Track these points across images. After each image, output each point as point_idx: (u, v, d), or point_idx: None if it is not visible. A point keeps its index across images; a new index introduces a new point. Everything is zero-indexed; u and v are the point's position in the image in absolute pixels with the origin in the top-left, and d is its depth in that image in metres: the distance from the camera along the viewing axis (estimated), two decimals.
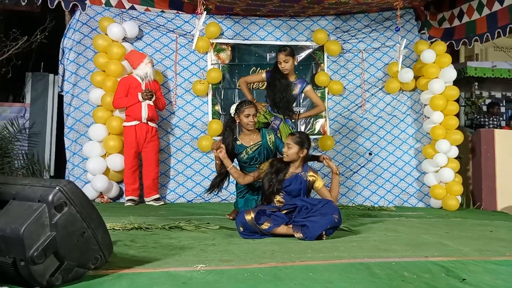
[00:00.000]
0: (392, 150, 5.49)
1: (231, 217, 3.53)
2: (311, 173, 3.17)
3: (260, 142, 3.49)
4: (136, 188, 4.71)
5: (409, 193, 5.43)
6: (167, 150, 5.18)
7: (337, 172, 3.22)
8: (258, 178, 3.23)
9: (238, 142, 3.50)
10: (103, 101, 4.80)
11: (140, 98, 4.59)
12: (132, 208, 4.36)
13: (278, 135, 3.79)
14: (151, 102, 4.65)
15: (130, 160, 4.66)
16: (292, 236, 2.77)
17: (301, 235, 2.72)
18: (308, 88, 4.10)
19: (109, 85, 4.79)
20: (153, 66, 4.81)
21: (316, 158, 3.51)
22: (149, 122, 4.67)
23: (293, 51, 4.02)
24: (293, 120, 4.14)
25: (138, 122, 4.63)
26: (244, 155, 3.48)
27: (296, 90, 4.03)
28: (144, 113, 4.61)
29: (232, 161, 3.46)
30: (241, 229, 2.81)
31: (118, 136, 4.80)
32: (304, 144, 3.13)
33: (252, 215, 2.77)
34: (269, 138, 3.51)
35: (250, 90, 4.29)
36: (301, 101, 5.48)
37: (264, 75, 4.17)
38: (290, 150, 3.10)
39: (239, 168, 3.53)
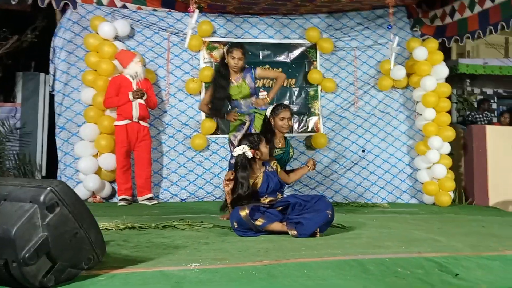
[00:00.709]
0: (385, 147, 5.52)
1: (224, 219, 3.52)
2: (273, 161, 3.27)
3: (285, 149, 3.65)
4: (128, 187, 4.69)
5: (402, 190, 5.46)
6: (160, 149, 5.16)
7: (310, 169, 3.41)
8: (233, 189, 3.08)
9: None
10: (94, 101, 4.78)
11: (130, 97, 4.56)
12: (125, 208, 4.35)
13: (254, 128, 3.80)
14: (142, 101, 4.63)
15: (122, 160, 4.63)
16: (286, 233, 2.77)
17: (296, 232, 2.72)
18: (259, 70, 3.98)
19: (101, 84, 4.76)
20: (143, 65, 4.79)
21: (293, 171, 3.56)
22: (140, 121, 4.65)
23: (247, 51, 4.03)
24: (265, 105, 3.94)
25: (129, 121, 4.60)
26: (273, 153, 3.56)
27: (250, 82, 3.88)
28: (135, 112, 4.59)
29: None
30: (236, 225, 2.81)
31: (110, 135, 4.78)
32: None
33: (247, 211, 2.77)
34: (291, 150, 3.73)
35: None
36: (294, 98, 5.50)
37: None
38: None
39: None
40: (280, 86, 4.10)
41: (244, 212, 2.77)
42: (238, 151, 3.07)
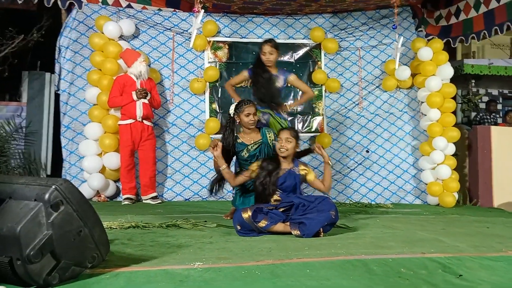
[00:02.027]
0: (389, 148, 5.50)
1: (228, 218, 3.53)
2: (302, 167, 3.21)
3: (261, 141, 3.50)
4: (132, 186, 4.71)
5: (406, 190, 5.44)
6: (164, 149, 5.18)
7: (329, 161, 3.21)
8: (249, 179, 3.22)
9: (239, 141, 3.48)
10: (99, 100, 4.80)
11: (134, 97, 4.58)
12: (129, 207, 4.36)
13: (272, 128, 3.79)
14: (146, 101, 4.64)
15: (126, 159, 4.65)
16: (289, 233, 2.77)
17: (299, 232, 2.72)
18: (292, 77, 4.01)
19: (105, 83, 4.78)
20: (147, 64, 4.80)
21: (306, 152, 3.51)
22: (144, 121, 4.67)
23: (278, 44, 3.98)
24: (284, 112, 4.04)
25: (133, 120, 4.62)
26: (245, 153, 3.48)
27: (280, 83, 3.94)
28: (139, 112, 4.60)
29: (231, 159, 3.46)
30: (239, 227, 2.81)
31: (114, 134, 4.80)
32: (298, 138, 3.19)
33: (249, 213, 2.78)
34: (269, 137, 3.51)
35: (236, 92, 4.22)
36: (298, 98, 5.49)
37: (246, 73, 4.08)
38: (290, 144, 3.12)
39: (239, 166, 3.55)
40: (305, 101, 4.23)
41: (246, 215, 2.78)
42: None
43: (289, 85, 4.15)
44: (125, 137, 4.62)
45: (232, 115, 3.48)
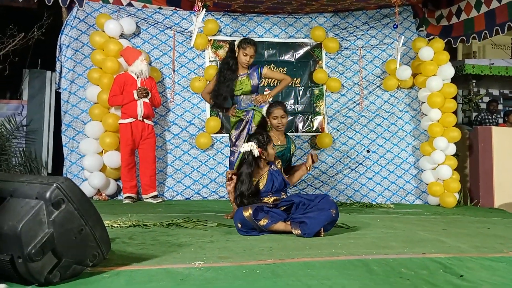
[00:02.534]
0: (390, 148, 5.50)
1: (228, 218, 3.52)
2: (277, 161, 3.26)
3: (285, 146, 3.62)
4: (133, 185, 4.71)
5: (407, 190, 5.44)
6: (165, 148, 5.17)
7: (309, 168, 3.34)
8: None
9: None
10: (99, 98, 4.79)
11: (135, 96, 4.58)
12: (130, 206, 4.36)
13: (253, 125, 3.75)
14: (147, 100, 4.64)
15: (126, 158, 4.65)
16: (290, 233, 2.77)
17: (300, 231, 2.72)
18: (265, 70, 3.90)
19: (106, 82, 4.78)
20: (148, 63, 4.80)
21: (294, 168, 3.52)
22: (145, 120, 4.67)
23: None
24: (265, 102, 3.86)
25: (134, 119, 4.62)
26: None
27: (253, 80, 3.82)
28: (140, 111, 4.60)
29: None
30: (239, 226, 2.81)
31: (114, 133, 4.80)
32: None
33: (250, 211, 2.78)
34: (292, 146, 3.70)
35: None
36: (299, 97, 5.49)
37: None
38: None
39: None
40: (283, 87, 4.07)
41: (247, 213, 2.78)
42: (246, 147, 3.07)
43: (264, 78, 4.07)
44: (125, 136, 4.62)
45: (265, 117, 3.68)
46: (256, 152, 3.03)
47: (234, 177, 3.06)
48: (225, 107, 3.93)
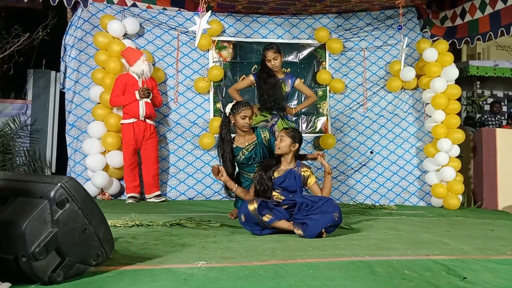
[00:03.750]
0: (394, 149, 5.49)
1: (232, 217, 3.53)
2: (305, 168, 3.21)
3: (256, 141, 3.47)
4: (136, 185, 4.72)
5: (410, 192, 5.43)
6: (168, 148, 5.18)
7: (330, 171, 3.20)
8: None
9: (233, 145, 3.46)
10: (102, 99, 4.81)
11: (137, 96, 4.59)
12: (133, 205, 4.37)
13: (277, 132, 3.78)
14: (148, 100, 4.65)
15: (129, 158, 4.67)
16: (292, 233, 2.77)
17: (302, 232, 2.72)
18: (298, 81, 4.15)
19: (108, 82, 4.79)
20: (151, 63, 4.81)
21: (304, 157, 3.50)
22: (147, 120, 4.68)
23: (279, 48, 4.04)
24: (291, 115, 4.12)
25: (136, 119, 4.63)
26: (240, 156, 3.46)
27: (287, 87, 4.03)
28: (142, 111, 4.61)
29: (234, 168, 3.48)
30: (243, 219, 2.81)
31: (117, 133, 4.81)
32: (295, 138, 3.17)
33: (255, 205, 2.78)
34: (264, 136, 3.48)
35: (241, 96, 4.30)
36: (302, 98, 5.49)
37: (252, 77, 4.21)
38: (283, 143, 3.14)
39: (237, 170, 3.57)
40: (309, 104, 4.42)
41: (252, 207, 2.78)
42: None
43: (295, 88, 4.24)
44: (127, 136, 4.63)
45: (227, 115, 3.44)
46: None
47: (222, 168, 3.15)
48: (282, 107, 4.09)
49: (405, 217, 4.10)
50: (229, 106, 3.46)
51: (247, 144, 3.45)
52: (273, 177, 3.13)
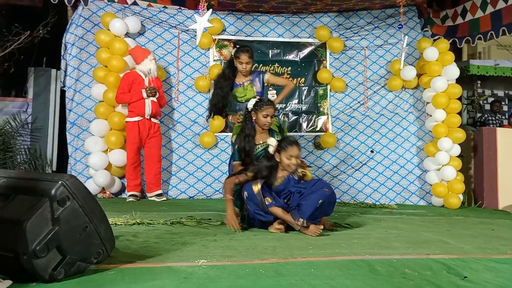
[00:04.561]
0: (394, 148, 5.49)
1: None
2: (300, 169, 3.15)
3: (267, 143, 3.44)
4: (138, 183, 4.73)
5: (411, 191, 5.43)
6: (169, 146, 5.18)
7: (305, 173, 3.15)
8: (241, 182, 3.08)
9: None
10: (105, 97, 4.81)
11: (144, 95, 4.60)
12: (134, 204, 4.38)
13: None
14: (154, 99, 4.67)
15: (132, 156, 4.67)
16: (290, 227, 2.78)
17: (300, 217, 2.74)
18: (268, 75, 3.96)
19: (111, 80, 4.79)
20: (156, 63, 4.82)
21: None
22: (152, 118, 4.69)
23: (253, 53, 3.95)
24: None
25: (141, 118, 4.64)
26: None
27: (256, 87, 3.88)
28: (148, 110, 4.63)
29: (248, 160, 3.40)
30: (246, 196, 2.86)
31: (120, 131, 4.81)
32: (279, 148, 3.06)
33: (259, 186, 2.83)
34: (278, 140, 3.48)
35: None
36: (303, 97, 5.48)
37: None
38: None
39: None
40: (287, 93, 4.15)
41: (256, 188, 2.82)
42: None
43: (267, 84, 4.05)
44: (132, 134, 4.65)
45: (249, 110, 3.39)
46: (271, 148, 3.09)
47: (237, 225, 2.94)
48: (225, 112, 4.01)
49: (405, 216, 4.10)
50: (252, 101, 3.42)
51: (261, 142, 3.43)
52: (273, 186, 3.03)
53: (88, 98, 5.01)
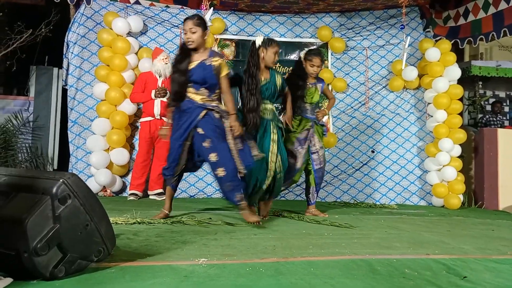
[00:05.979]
0: (395, 148, 5.49)
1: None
2: (216, 58, 3.15)
3: (269, 79, 3.49)
4: (141, 183, 4.75)
5: (411, 191, 5.43)
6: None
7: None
8: None
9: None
10: (107, 96, 4.82)
11: (152, 95, 4.63)
12: (134, 202, 4.38)
13: (316, 135, 3.87)
14: (165, 99, 4.68)
15: (143, 154, 4.73)
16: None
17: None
18: (325, 86, 4.08)
19: (113, 79, 4.81)
20: (167, 63, 4.81)
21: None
22: (163, 118, 4.70)
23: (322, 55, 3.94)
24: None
25: (153, 118, 4.67)
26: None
27: (319, 92, 3.96)
28: (157, 110, 4.66)
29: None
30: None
31: (122, 130, 4.82)
32: (206, 25, 3.18)
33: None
34: (278, 78, 3.53)
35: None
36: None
37: None
38: (194, 35, 3.11)
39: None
40: (332, 106, 4.25)
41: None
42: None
43: (322, 93, 4.07)
44: (144, 133, 4.71)
45: (257, 46, 3.40)
46: None
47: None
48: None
49: (405, 216, 4.11)
50: (260, 38, 3.45)
51: (262, 79, 3.46)
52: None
53: (90, 96, 5.02)
